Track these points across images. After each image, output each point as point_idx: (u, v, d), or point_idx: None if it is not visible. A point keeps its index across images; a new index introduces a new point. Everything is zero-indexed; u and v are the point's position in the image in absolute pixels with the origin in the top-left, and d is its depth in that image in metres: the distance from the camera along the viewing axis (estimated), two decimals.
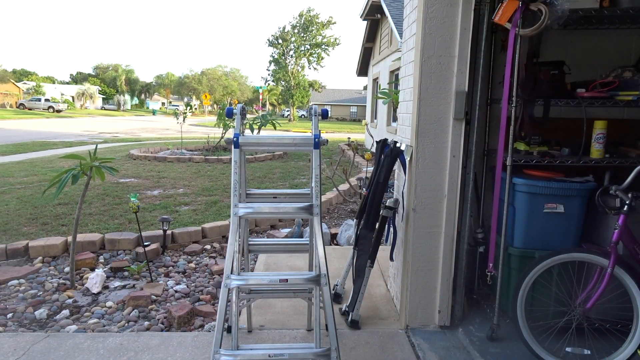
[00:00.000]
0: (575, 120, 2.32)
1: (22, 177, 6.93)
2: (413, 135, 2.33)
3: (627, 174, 1.97)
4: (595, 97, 2.23)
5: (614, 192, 1.98)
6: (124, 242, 3.82)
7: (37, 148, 11.33)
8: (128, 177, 7.24)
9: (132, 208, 3.33)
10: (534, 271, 2.08)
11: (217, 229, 4.21)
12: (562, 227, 2.25)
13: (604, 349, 2.12)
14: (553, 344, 2.14)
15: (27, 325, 2.58)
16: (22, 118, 27.10)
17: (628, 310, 2.04)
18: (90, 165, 2.97)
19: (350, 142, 12.56)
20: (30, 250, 3.62)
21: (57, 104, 38.30)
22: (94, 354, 2.18)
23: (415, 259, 2.38)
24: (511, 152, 2.15)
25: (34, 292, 2.99)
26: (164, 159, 9.29)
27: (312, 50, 43.51)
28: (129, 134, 17.89)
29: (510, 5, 2.03)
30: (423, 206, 2.34)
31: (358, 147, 9.39)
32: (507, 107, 2.13)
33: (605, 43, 2.63)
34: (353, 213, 5.38)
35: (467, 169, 2.35)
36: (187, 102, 39.19)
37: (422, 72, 2.25)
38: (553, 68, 2.32)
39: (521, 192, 2.27)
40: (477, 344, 2.24)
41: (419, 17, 2.24)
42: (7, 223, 4.39)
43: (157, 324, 2.64)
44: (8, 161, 8.82)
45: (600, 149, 2.24)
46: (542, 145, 2.34)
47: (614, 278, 2.00)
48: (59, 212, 4.83)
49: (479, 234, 2.55)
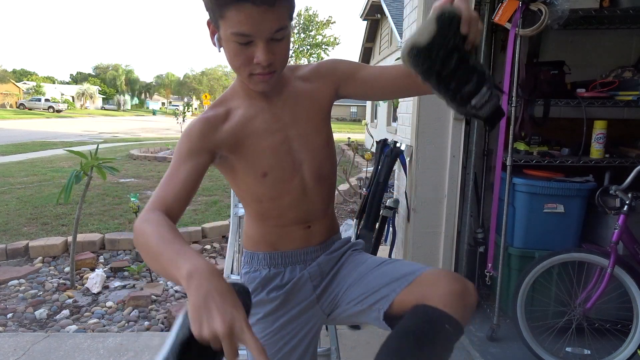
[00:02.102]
0: (575, 120, 2.31)
1: (22, 177, 6.94)
2: (413, 135, 2.33)
3: (627, 174, 1.97)
4: (595, 97, 2.23)
5: (614, 192, 1.98)
6: (124, 242, 3.82)
7: (37, 148, 11.33)
8: (128, 177, 7.25)
9: (132, 208, 3.34)
10: (534, 271, 2.08)
11: (217, 229, 4.21)
12: (562, 227, 2.25)
13: (604, 349, 2.12)
14: (553, 344, 2.13)
15: (27, 325, 2.58)
16: (22, 118, 27.12)
17: (628, 310, 2.04)
18: (91, 165, 2.98)
19: (350, 142, 12.56)
20: (31, 250, 3.62)
21: (57, 104, 38.31)
22: (94, 354, 2.18)
23: (415, 259, 2.38)
24: (511, 152, 2.15)
25: (34, 292, 2.99)
26: (164, 159, 9.29)
27: (312, 50, 43.53)
28: (129, 134, 17.89)
29: (510, 5, 2.03)
30: (423, 206, 2.34)
31: (358, 147, 9.38)
32: (507, 107, 2.13)
33: (605, 43, 2.63)
34: (353, 213, 5.39)
35: (467, 169, 2.35)
36: (187, 102, 39.19)
37: None
38: (553, 68, 2.31)
39: (521, 192, 2.27)
40: (477, 344, 2.24)
41: (419, 17, 2.24)
42: (7, 223, 4.39)
43: (157, 324, 2.64)
44: (8, 161, 8.82)
45: (600, 149, 2.24)
46: (542, 145, 2.34)
47: (614, 278, 2.00)
48: (59, 212, 4.83)
49: (478, 234, 2.54)
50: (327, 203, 1.13)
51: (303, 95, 1.06)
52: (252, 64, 0.90)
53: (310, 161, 1.07)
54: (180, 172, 0.94)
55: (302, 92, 1.06)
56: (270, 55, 0.89)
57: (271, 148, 1.02)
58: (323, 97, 1.07)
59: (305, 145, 1.06)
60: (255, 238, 1.14)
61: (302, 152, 1.06)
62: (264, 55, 0.88)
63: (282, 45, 0.92)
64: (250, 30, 0.86)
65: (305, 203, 1.08)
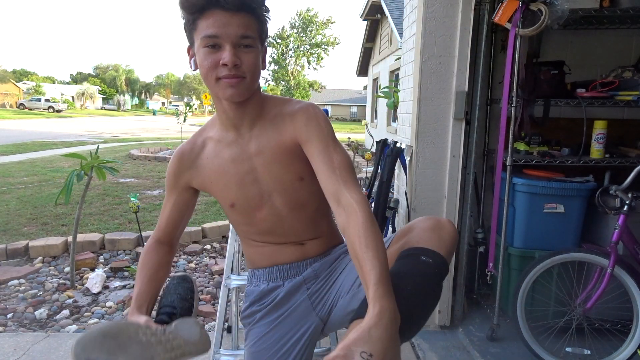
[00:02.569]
0: (575, 120, 2.31)
1: (22, 177, 6.93)
2: (413, 135, 2.33)
3: (627, 174, 1.97)
4: (595, 97, 2.23)
5: (614, 192, 1.98)
6: (124, 242, 3.82)
7: (37, 148, 11.33)
8: (128, 177, 7.25)
9: (132, 208, 3.34)
10: (534, 271, 2.08)
11: (217, 229, 4.21)
12: (562, 227, 2.25)
13: (604, 349, 2.12)
14: (553, 344, 2.14)
15: (27, 325, 2.58)
16: (22, 118, 27.11)
17: (628, 310, 2.04)
18: (91, 165, 2.98)
19: (350, 142, 12.56)
20: (31, 250, 3.62)
21: (57, 104, 38.25)
22: None
23: None
24: (511, 152, 2.15)
25: (34, 292, 2.99)
26: (164, 159, 9.29)
27: (312, 50, 43.53)
28: (129, 134, 17.89)
29: (510, 5, 2.03)
30: (423, 206, 2.34)
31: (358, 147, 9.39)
32: (507, 107, 2.13)
33: (605, 43, 2.63)
34: None
35: (467, 169, 2.35)
36: (187, 102, 39.20)
37: (422, 72, 2.25)
38: (553, 68, 2.31)
39: (521, 192, 2.27)
40: (477, 344, 2.24)
41: (419, 17, 2.24)
42: (7, 223, 4.39)
43: None
44: (8, 161, 8.82)
45: (600, 149, 2.24)
46: (542, 145, 2.34)
47: (614, 278, 2.00)
48: (59, 212, 4.83)
49: (479, 234, 2.54)
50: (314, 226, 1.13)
51: (273, 129, 1.06)
52: (219, 67, 0.95)
53: (279, 192, 1.07)
54: (167, 207, 1.16)
55: (274, 127, 1.06)
56: (235, 58, 0.94)
57: (237, 178, 1.07)
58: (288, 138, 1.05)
59: (271, 176, 1.06)
60: (250, 257, 1.20)
61: (269, 182, 1.07)
62: (230, 57, 0.93)
63: (249, 55, 0.96)
64: (217, 31, 0.93)
65: (285, 227, 1.10)
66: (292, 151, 1.05)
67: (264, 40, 1.01)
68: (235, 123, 1.05)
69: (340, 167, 0.98)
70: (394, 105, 5.17)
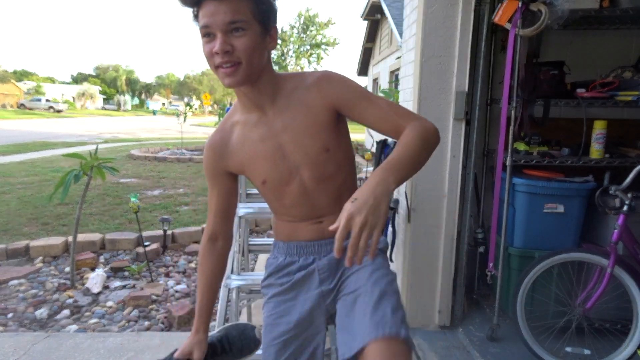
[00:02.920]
0: (575, 120, 2.31)
1: (22, 177, 6.94)
2: None
3: (626, 174, 1.97)
4: (595, 97, 2.23)
5: (613, 192, 1.98)
6: (124, 242, 3.82)
7: (38, 148, 11.34)
8: (128, 177, 7.25)
9: (132, 208, 3.34)
10: (534, 271, 2.08)
11: None
12: (562, 227, 2.25)
13: (604, 349, 2.12)
14: (553, 343, 2.14)
15: (28, 325, 2.59)
16: (23, 118, 27.13)
17: (628, 310, 2.04)
18: (91, 165, 2.98)
19: None
20: (31, 250, 3.63)
21: (57, 104, 38.30)
22: (94, 354, 2.18)
23: (415, 259, 2.39)
24: (511, 152, 2.15)
25: (35, 292, 3.00)
26: (164, 159, 9.30)
27: (312, 50, 43.52)
28: (129, 134, 17.90)
29: (510, 5, 2.03)
30: (423, 206, 2.34)
31: (358, 147, 9.37)
32: (507, 107, 2.13)
33: (605, 43, 2.63)
34: None
35: (467, 169, 2.35)
36: (188, 102, 39.18)
37: (422, 72, 2.25)
38: (553, 68, 2.31)
39: (521, 192, 2.27)
40: (477, 344, 2.24)
41: (419, 17, 2.24)
42: (7, 223, 4.39)
43: (158, 324, 2.65)
44: (8, 161, 8.83)
45: (600, 149, 2.24)
46: (542, 145, 2.34)
47: (614, 278, 2.00)
48: (59, 212, 4.83)
49: (479, 234, 2.55)
50: (336, 199, 1.15)
51: (296, 103, 1.09)
52: (214, 56, 0.98)
53: (307, 165, 1.10)
54: (213, 199, 1.20)
55: (297, 100, 1.09)
56: (225, 45, 0.96)
57: (266, 156, 1.10)
58: (317, 107, 1.08)
59: (298, 150, 1.09)
60: (277, 230, 1.25)
61: (297, 157, 1.10)
62: (219, 45, 0.95)
63: (241, 39, 0.97)
64: (207, 21, 0.96)
65: (309, 202, 1.14)
66: (318, 122, 1.08)
67: (264, 19, 1.00)
68: (256, 103, 1.09)
69: (388, 108, 1.05)
70: None
